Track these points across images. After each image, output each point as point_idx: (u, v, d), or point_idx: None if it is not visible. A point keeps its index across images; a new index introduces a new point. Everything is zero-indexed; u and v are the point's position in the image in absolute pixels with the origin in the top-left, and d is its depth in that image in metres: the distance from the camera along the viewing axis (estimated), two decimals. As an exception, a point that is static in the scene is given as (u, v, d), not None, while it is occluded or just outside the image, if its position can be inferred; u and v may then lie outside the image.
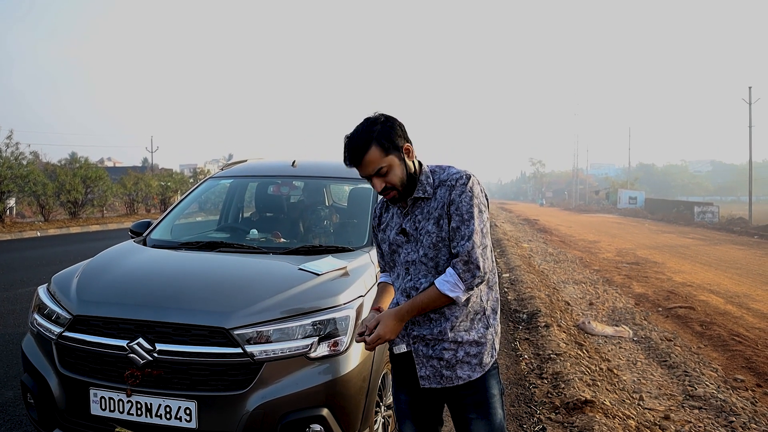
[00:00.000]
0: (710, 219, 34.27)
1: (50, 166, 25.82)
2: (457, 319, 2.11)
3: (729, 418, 4.45)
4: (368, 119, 2.10)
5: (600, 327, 7.12)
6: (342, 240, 4.00)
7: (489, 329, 2.17)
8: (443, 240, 2.09)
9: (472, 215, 2.05)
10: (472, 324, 2.14)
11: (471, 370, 2.13)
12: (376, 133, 2.05)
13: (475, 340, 2.13)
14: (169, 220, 4.28)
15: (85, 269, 3.32)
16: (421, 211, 2.14)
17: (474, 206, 2.06)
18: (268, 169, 4.89)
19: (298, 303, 2.81)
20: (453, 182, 2.10)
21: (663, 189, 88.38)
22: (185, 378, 2.64)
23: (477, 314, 2.15)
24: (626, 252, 16.48)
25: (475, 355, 2.13)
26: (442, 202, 2.10)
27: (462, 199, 2.06)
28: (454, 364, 2.12)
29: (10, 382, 4.60)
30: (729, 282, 11.08)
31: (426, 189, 2.14)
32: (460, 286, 2.03)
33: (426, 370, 2.15)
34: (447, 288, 2.03)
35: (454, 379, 2.13)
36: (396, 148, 2.07)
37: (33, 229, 18.19)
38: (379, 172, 2.07)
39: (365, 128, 2.07)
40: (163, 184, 31.14)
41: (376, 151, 2.04)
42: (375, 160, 2.05)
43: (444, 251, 2.10)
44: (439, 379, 2.14)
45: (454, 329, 2.11)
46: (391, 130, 2.07)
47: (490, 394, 2.16)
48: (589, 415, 3.91)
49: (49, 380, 2.85)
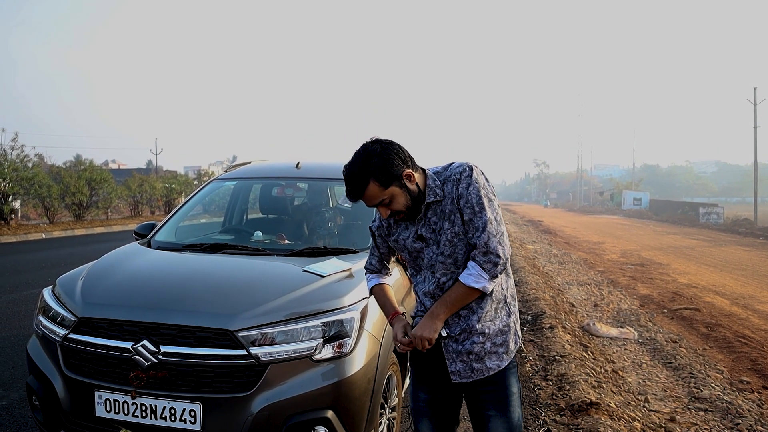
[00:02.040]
0: (715, 220, 34.14)
1: (55, 169, 25.87)
2: (483, 310, 2.14)
3: (735, 420, 4.43)
4: (365, 150, 2.05)
5: (605, 328, 7.10)
6: (346, 242, 4.00)
7: (511, 316, 2.22)
8: (458, 235, 2.10)
9: (483, 206, 2.06)
10: (496, 313, 2.17)
11: (499, 359, 2.16)
12: (372, 168, 2.02)
13: (500, 329, 2.17)
14: (174, 222, 4.29)
15: (89, 271, 3.32)
16: (434, 213, 2.15)
17: (483, 196, 2.07)
18: (272, 170, 4.89)
19: (303, 305, 2.81)
20: (457, 176, 2.11)
21: (667, 190, 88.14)
22: (190, 380, 2.64)
23: (499, 303, 2.19)
24: (631, 253, 16.43)
25: (501, 344, 2.17)
26: (450, 198, 2.11)
27: (470, 191, 2.07)
28: (483, 356, 2.14)
29: (16, 384, 4.61)
30: (734, 283, 11.03)
31: (436, 192, 2.14)
32: (484, 276, 2.05)
33: (457, 365, 2.16)
34: (472, 280, 2.05)
35: (485, 370, 2.15)
36: (395, 179, 2.05)
37: (38, 232, 18.25)
38: (383, 203, 2.08)
39: (361, 163, 2.03)
40: (167, 186, 31.22)
41: (374, 186, 2.03)
42: (375, 195, 2.05)
43: (460, 246, 2.11)
44: (470, 373, 2.16)
45: (481, 320, 2.14)
46: (389, 161, 2.03)
47: (510, 392, 2.18)
48: (594, 417, 3.90)
49: (54, 382, 2.85)
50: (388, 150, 2.06)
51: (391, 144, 2.10)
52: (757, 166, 33.33)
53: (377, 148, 2.05)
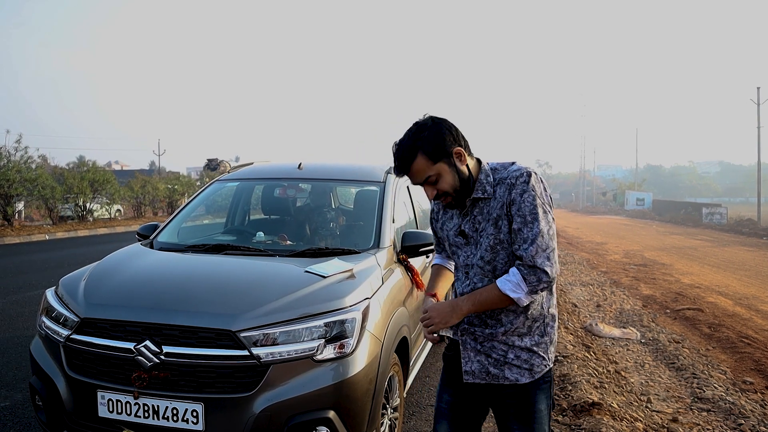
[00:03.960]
0: (718, 220, 34.07)
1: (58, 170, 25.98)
2: (512, 325, 2.03)
3: (738, 420, 4.42)
4: (417, 124, 1.99)
5: (607, 329, 7.10)
6: (348, 242, 4.00)
7: (545, 337, 2.07)
8: (501, 242, 1.99)
9: (536, 216, 1.92)
10: (528, 331, 2.05)
11: (519, 374, 2.04)
12: (422, 141, 1.94)
13: (528, 347, 2.04)
14: (176, 222, 4.30)
15: (92, 272, 3.33)
16: (480, 212, 2.04)
17: (538, 206, 1.92)
18: (274, 171, 4.90)
19: (305, 305, 2.82)
20: (513, 180, 1.96)
21: (671, 190, 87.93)
22: (192, 380, 2.65)
23: (536, 321, 2.05)
24: (634, 254, 16.41)
25: (526, 360, 2.04)
26: (501, 202, 1.98)
27: (524, 198, 1.93)
28: (502, 363, 2.04)
29: (19, 384, 4.63)
30: (737, 284, 11.01)
31: (486, 188, 2.02)
32: (523, 287, 1.91)
33: (472, 365, 2.08)
34: (508, 288, 1.92)
35: (501, 378, 2.05)
36: (445, 155, 1.96)
37: (41, 233, 18.30)
38: (428, 180, 1.99)
39: (412, 135, 1.97)
40: (170, 187, 31.29)
41: (422, 160, 1.95)
42: (422, 169, 1.97)
43: (502, 254, 2.00)
44: (484, 376, 2.06)
45: (506, 334, 2.04)
46: (439, 136, 1.95)
47: (536, 409, 2.06)
48: (597, 418, 3.90)
49: (57, 383, 2.86)
50: (440, 125, 1.98)
51: (444, 120, 2.02)
52: (760, 166, 33.27)
53: (429, 123, 1.99)
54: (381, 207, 3.92)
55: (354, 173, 4.67)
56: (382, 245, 3.66)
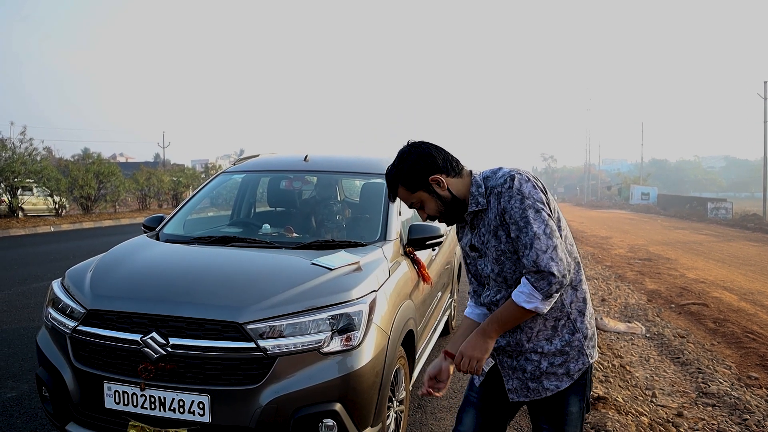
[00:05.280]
0: (723, 215, 33.96)
1: (63, 162, 26.03)
2: (533, 329, 2.02)
3: (743, 415, 4.41)
4: (399, 154, 2.08)
5: (612, 323, 7.09)
6: (354, 235, 3.99)
7: (576, 334, 2.03)
8: (504, 253, 1.98)
9: (527, 219, 1.89)
10: (554, 332, 2.02)
11: (558, 380, 2.02)
12: (400, 174, 2.05)
13: (559, 349, 2.02)
14: (182, 214, 4.29)
15: (98, 264, 3.33)
16: (483, 225, 2.04)
17: (526, 208, 1.90)
18: (280, 163, 4.89)
19: (311, 298, 2.81)
20: (500, 188, 1.96)
21: (676, 185, 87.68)
22: (198, 372, 2.65)
23: (559, 320, 2.02)
24: (638, 248, 16.37)
25: (561, 365, 2.02)
26: (495, 212, 1.98)
27: (512, 205, 1.92)
28: (538, 375, 2.03)
29: (26, 375, 4.65)
30: (743, 279, 10.98)
31: (479, 200, 2.03)
32: (536, 295, 1.87)
33: (513, 383, 2.08)
34: (522, 299, 1.89)
35: (542, 391, 2.03)
36: (422, 185, 2.04)
37: (47, 225, 18.36)
38: (414, 206, 2.12)
39: (395, 167, 2.07)
40: (175, 179, 31.33)
41: (403, 191, 2.08)
42: (405, 198, 2.10)
43: (508, 264, 1.99)
44: (526, 392, 2.06)
45: (531, 340, 2.02)
46: (414, 167, 2.02)
47: (568, 411, 2.06)
48: (602, 412, 3.89)
49: (64, 374, 2.87)
50: (414, 155, 2.04)
51: (424, 148, 2.05)
52: (766, 161, 33.07)
53: (408, 152, 2.06)
54: (387, 199, 3.91)
55: (360, 165, 4.66)
56: (389, 238, 3.65)
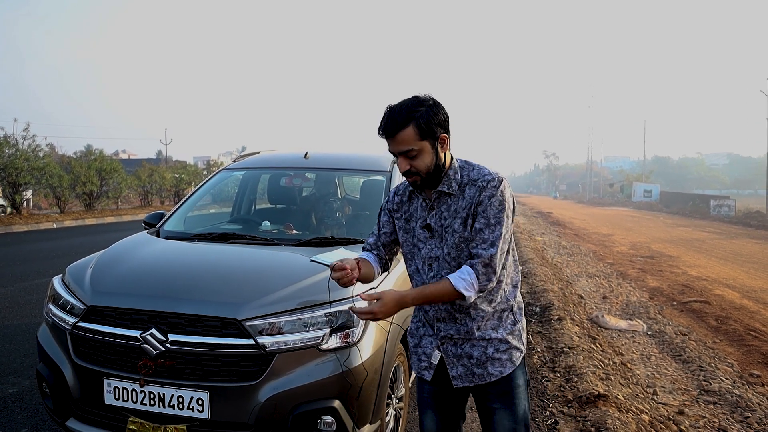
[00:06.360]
0: (726, 213, 33.87)
1: (66, 159, 26.09)
2: (483, 319, 2.12)
3: (745, 413, 4.40)
4: (417, 97, 2.03)
5: (613, 321, 7.07)
6: (354, 232, 3.99)
7: (516, 325, 2.18)
8: (466, 240, 2.06)
9: (500, 220, 2.01)
10: (500, 322, 2.15)
11: (502, 366, 2.14)
12: (418, 114, 1.98)
13: (503, 337, 2.14)
14: (183, 211, 4.30)
15: (99, 260, 3.34)
16: (447, 208, 2.10)
17: (503, 211, 2.02)
18: (280, 160, 4.89)
19: (310, 294, 2.81)
20: (484, 183, 2.04)
21: (678, 182, 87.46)
22: (198, 369, 2.65)
23: (504, 311, 2.16)
24: (640, 245, 16.34)
25: (505, 351, 2.14)
26: (470, 203, 2.05)
27: (492, 202, 2.02)
28: (484, 361, 2.13)
29: (27, 371, 4.66)
30: (745, 276, 10.95)
31: (451, 185, 2.09)
32: (476, 286, 1.99)
33: (457, 370, 2.15)
34: (462, 286, 1.98)
35: (486, 376, 2.13)
36: (432, 135, 2.01)
37: (49, 221, 18.40)
38: (408, 154, 2.01)
39: (409, 105, 1.99)
40: (176, 176, 31.37)
41: (412, 131, 1.98)
42: (408, 140, 1.99)
43: (466, 251, 2.07)
44: (471, 378, 2.15)
45: (480, 329, 2.12)
46: (434, 115, 2.00)
47: (514, 384, 2.17)
48: (602, 409, 3.89)
49: (64, 370, 2.87)
50: (437, 106, 2.03)
51: (441, 106, 2.06)
52: (769, 158, 33.01)
53: (429, 101, 2.02)
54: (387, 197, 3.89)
55: (360, 163, 4.65)
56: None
